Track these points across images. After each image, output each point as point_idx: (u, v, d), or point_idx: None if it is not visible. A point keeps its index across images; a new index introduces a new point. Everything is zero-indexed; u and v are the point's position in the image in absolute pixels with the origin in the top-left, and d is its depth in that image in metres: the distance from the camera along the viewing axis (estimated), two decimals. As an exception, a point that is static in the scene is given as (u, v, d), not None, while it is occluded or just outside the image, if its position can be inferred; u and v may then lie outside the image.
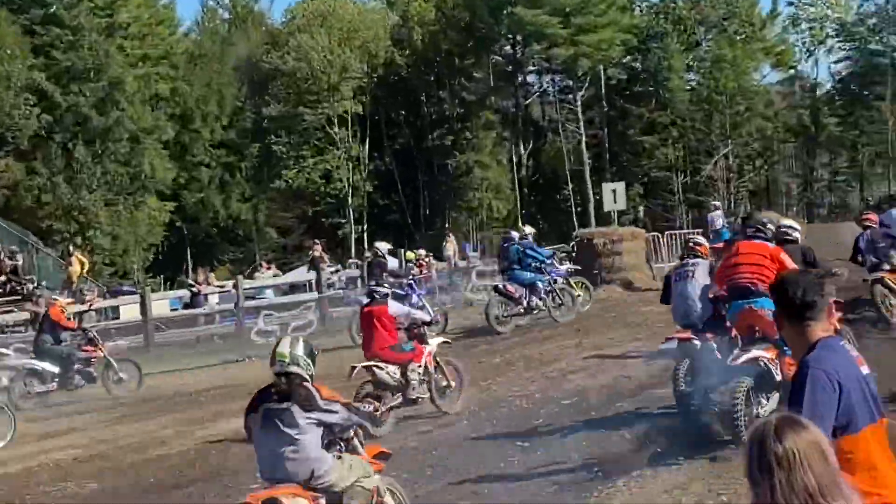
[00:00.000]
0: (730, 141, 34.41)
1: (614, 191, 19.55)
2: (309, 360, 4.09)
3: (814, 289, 2.41)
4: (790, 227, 7.20)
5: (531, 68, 36.33)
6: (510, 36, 35.29)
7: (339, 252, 32.31)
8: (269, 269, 22.34)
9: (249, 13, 35.89)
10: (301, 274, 20.82)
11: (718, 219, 14.14)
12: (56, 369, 10.65)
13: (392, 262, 14.25)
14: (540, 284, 11.92)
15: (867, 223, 9.53)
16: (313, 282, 16.65)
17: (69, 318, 11.25)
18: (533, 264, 12.02)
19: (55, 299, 11.85)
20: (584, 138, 34.33)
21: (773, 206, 34.98)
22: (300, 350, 4.02)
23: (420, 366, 7.42)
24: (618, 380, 7.99)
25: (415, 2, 34.86)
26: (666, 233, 20.06)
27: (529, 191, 35.80)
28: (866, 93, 35.67)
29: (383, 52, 34.49)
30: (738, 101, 34.47)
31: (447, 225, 34.52)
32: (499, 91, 35.43)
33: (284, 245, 35.48)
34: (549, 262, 12.31)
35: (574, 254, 16.04)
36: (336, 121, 34.47)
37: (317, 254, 19.06)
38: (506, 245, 12.54)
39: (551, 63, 35.23)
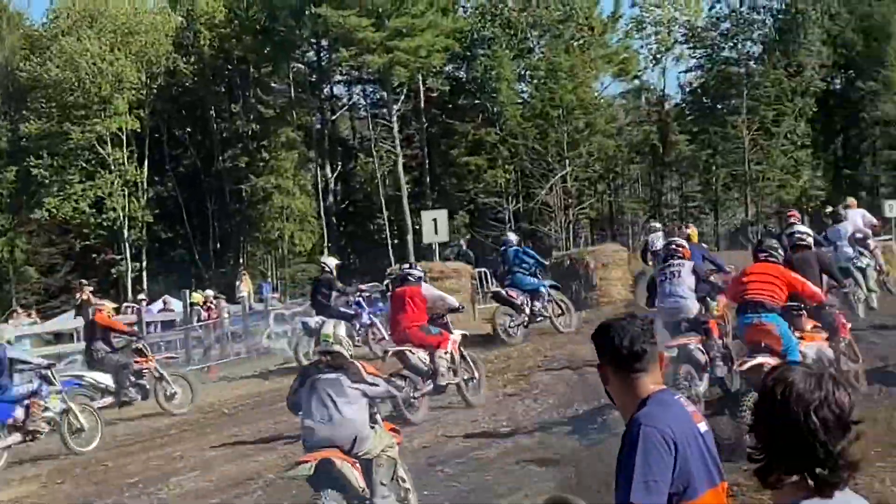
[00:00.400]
0: (568, 162, 39.47)
1: (435, 220, 20.72)
2: (349, 340, 6.23)
3: (642, 336, 2.65)
4: (805, 233, 9.47)
5: (339, 78, 41.02)
6: (314, 40, 39.85)
7: (112, 294, 35.46)
8: (27, 315, 23.16)
9: (3, 13, 39.26)
10: (67, 321, 22.31)
11: (658, 240, 16.18)
12: (110, 381, 12.32)
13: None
14: (543, 290, 14.14)
15: (791, 220, 13.45)
16: (81, 329, 16.68)
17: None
18: (534, 268, 14.22)
19: (102, 304, 13.84)
20: (400, 159, 38.92)
21: (618, 236, 40.21)
22: (342, 332, 6.29)
23: (447, 352, 9.75)
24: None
25: (202, 0, 38.79)
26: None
27: (338, 220, 40.21)
28: (720, 106, 41.53)
29: (164, 59, 38.41)
30: (576, 115, 39.69)
31: (241, 261, 38.58)
32: (301, 104, 39.84)
33: (47, 287, 38.47)
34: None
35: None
36: (109, 140, 38.14)
37: (85, 297, 20.00)
38: (504, 249, 14.77)
39: (362, 72, 39.88)
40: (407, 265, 12.29)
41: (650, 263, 15.53)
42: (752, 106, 40.75)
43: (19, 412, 11.13)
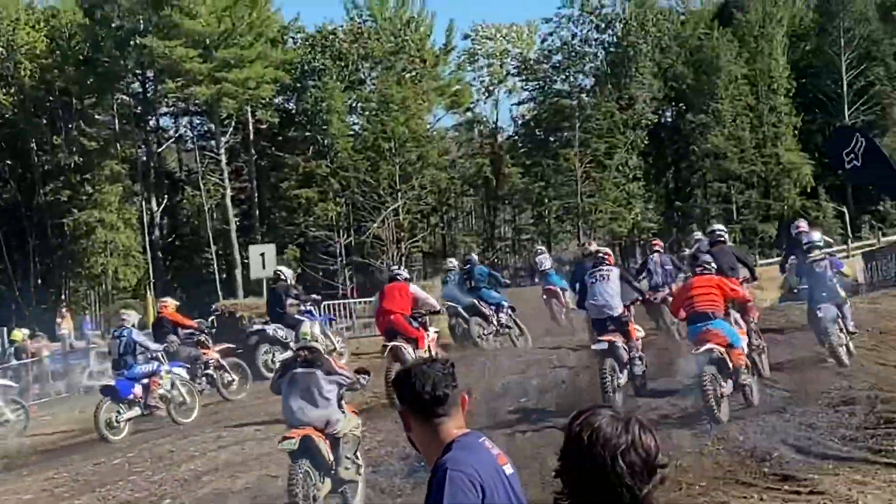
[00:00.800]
0: (400, 194, 51.78)
1: (263, 254, 26.51)
2: (325, 338, 11.39)
3: (444, 381, 3.51)
4: (721, 230, 17.12)
5: (165, 110, 52.62)
6: (139, 71, 51.33)
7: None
8: None
9: None
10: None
11: (546, 261, 23.55)
12: (185, 373, 17.35)
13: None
14: (505, 304, 20.86)
15: (655, 248, 20.55)
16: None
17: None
18: (495, 285, 21.18)
19: (165, 301, 20.08)
20: (228, 192, 50.63)
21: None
22: (317, 331, 10.85)
23: (424, 351, 15.16)
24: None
25: (21, 30, 49.77)
26: (324, 303, 27.12)
27: (164, 255, 51.66)
28: (552, 139, 54.74)
29: (-18, 91, 49.09)
30: (408, 148, 52.18)
31: (63, 297, 49.29)
32: (126, 136, 51.29)
33: None
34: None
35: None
36: (-79, 172, 48.47)
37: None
38: (469, 267, 21.90)
39: (189, 104, 51.46)
40: (396, 267, 22.67)
41: (539, 279, 24.45)
42: (584, 138, 54.07)
43: (138, 389, 16.22)
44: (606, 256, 15.32)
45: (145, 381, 16.84)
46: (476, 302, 20.77)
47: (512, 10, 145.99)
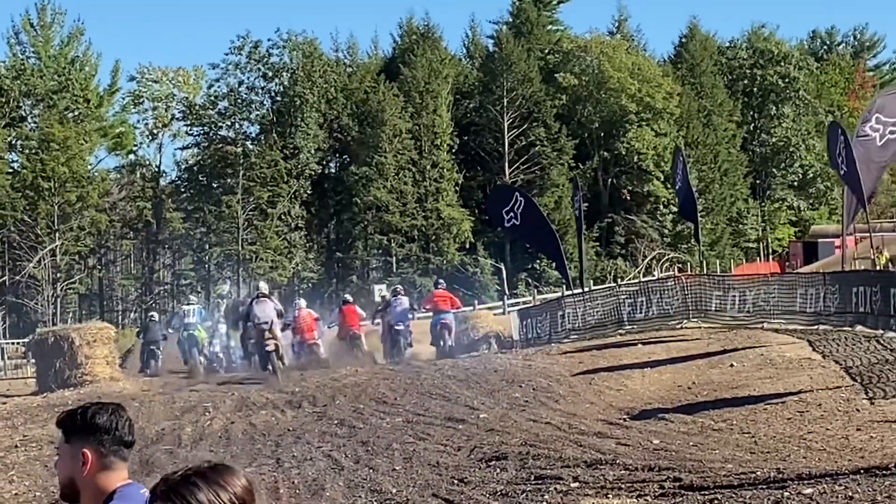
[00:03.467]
0: (58, 235, 69.01)
1: None
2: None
3: (132, 428, 4.43)
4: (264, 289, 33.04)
5: None
6: None
7: None
8: None
9: None
10: None
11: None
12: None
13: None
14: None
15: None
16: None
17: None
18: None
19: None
20: None
21: (107, 312, 70.61)
22: (266, 288, 33.00)
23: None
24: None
25: None
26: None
27: None
28: (216, 185, 73.58)
29: None
30: (68, 188, 69.41)
31: None
32: None
33: None
34: None
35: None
36: None
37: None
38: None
39: None
40: (346, 294, 42.62)
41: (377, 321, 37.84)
42: (247, 186, 73.28)
43: None
44: (401, 290, 37.17)
45: None
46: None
47: (179, 53, 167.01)
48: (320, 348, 35.38)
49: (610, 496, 12.21)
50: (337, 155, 78.45)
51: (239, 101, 75.12)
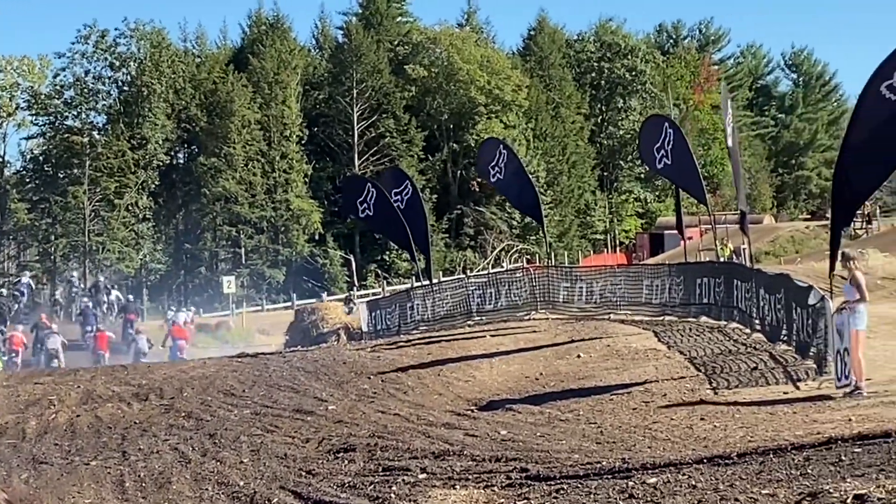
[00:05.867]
0: None
1: None
2: None
3: None
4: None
5: None
6: None
7: None
8: None
9: None
10: None
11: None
12: None
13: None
14: None
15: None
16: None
17: None
18: None
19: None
20: None
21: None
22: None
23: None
24: None
25: None
26: None
27: None
28: (62, 175, 73.79)
29: None
30: None
31: None
32: None
33: None
34: None
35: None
36: None
37: None
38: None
39: None
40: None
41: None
42: (94, 177, 73.63)
43: None
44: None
45: None
46: None
47: (24, 42, 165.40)
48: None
49: (457, 487, 12.28)
50: (185, 145, 79.31)
51: (85, 90, 75.37)
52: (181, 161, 79.79)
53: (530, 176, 40.72)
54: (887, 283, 39.26)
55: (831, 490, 8.68)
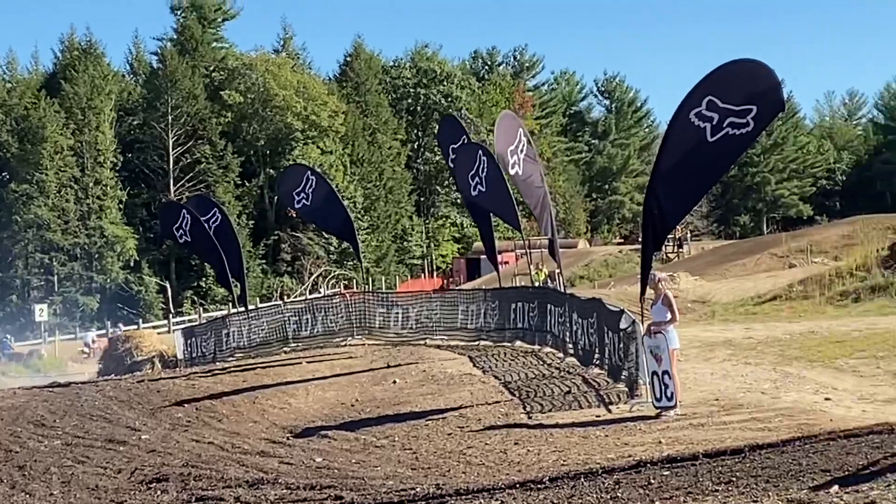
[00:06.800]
0: None
1: None
2: None
3: None
4: None
5: None
6: None
7: None
8: None
9: None
10: None
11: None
12: None
13: None
14: None
15: None
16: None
17: None
18: None
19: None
20: None
21: None
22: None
23: None
24: None
25: None
26: None
27: None
28: None
29: None
30: None
31: None
32: None
33: None
34: None
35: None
36: None
37: None
38: None
39: None
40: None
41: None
42: None
43: None
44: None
45: None
46: None
47: None
48: None
49: (271, 516, 12.14)
50: (1, 172, 78.04)
51: None
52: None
53: (345, 202, 41.11)
54: (697, 307, 40.54)
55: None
